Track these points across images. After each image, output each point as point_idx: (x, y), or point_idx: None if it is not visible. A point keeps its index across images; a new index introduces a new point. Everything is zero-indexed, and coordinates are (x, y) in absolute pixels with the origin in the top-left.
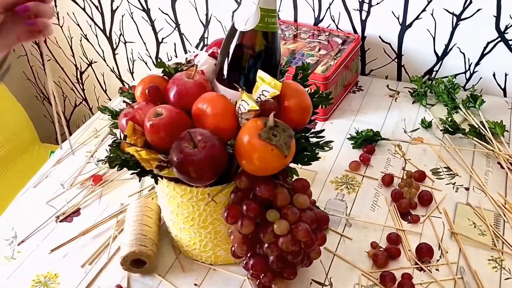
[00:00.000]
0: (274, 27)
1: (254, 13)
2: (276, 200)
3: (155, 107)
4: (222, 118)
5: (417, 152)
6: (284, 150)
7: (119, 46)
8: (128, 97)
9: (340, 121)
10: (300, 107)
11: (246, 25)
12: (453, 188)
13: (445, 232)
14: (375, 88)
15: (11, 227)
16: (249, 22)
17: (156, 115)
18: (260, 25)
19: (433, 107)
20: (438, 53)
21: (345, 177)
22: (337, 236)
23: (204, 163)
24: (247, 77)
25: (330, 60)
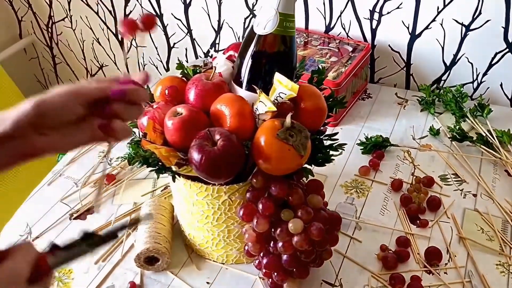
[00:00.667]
0: (292, 31)
1: (273, 17)
2: (290, 199)
3: (174, 106)
4: (240, 118)
5: (426, 158)
6: (300, 150)
7: (131, 50)
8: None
9: (350, 127)
10: (316, 109)
11: (265, 29)
12: (461, 194)
13: (453, 237)
14: (384, 96)
15: (26, 223)
16: (268, 26)
17: (176, 114)
18: (279, 29)
19: (441, 115)
20: (446, 62)
21: (354, 181)
22: (347, 238)
23: (222, 161)
24: (264, 79)
25: (341, 67)
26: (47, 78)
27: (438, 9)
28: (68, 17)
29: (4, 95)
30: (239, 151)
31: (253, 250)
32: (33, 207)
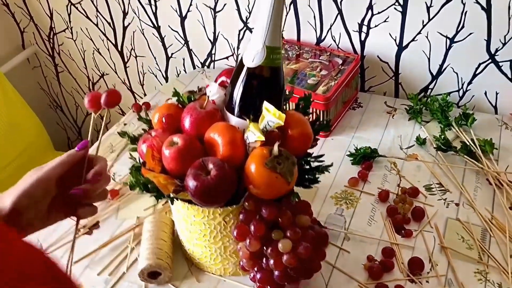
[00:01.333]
0: (278, 62)
1: (260, 50)
2: (280, 220)
3: (171, 135)
4: (231, 147)
5: (412, 168)
6: (287, 177)
7: (130, 60)
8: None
9: (341, 137)
10: (302, 136)
11: (253, 61)
12: (444, 203)
13: (436, 246)
14: (374, 105)
15: (37, 239)
16: (256, 59)
17: (172, 144)
18: (266, 61)
19: (428, 124)
20: (433, 72)
21: (344, 192)
22: (336, 249)
23: (216, 189)
24: (254, 107)
25: (331, 81)
26: (51, 85)
27: (423, 23)
28: (68, 29)
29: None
30: (231, 179)
31: (247, 266)
32: None
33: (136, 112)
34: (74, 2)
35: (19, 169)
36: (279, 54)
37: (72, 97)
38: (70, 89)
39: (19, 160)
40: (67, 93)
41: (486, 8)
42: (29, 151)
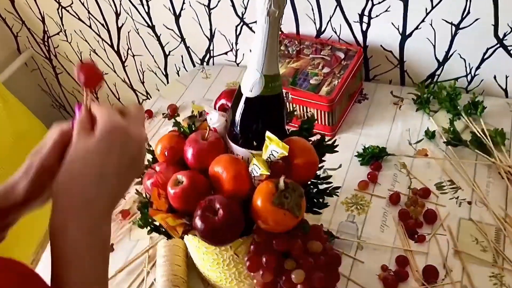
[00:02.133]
0: (278, 89)
1: (258, 80)
2: (291, 250)
3: (175, 173)
4: (236, 181)
5: (422, 165)
6: (295, 212)
7: (128, 59)
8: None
9: (347, 135)
10: (308, 164)
11: (252, 91)
12: (456, 202)
13: (450, 250)
14: (379, 96)
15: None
16: (254, 89)
17: (177, 183)
18: (265, 90)
19: (436, 114)
20: (439, 59)
21: (354, 197)
22: (350, 260)
23: (224, 230)
24: (257, 136)
25: (334, 79)
26: (51, 87)
27: (427, 11)
28: (62, 31)
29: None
30: (239, 218)
31: None
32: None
33: None
34: (64, 5)
35: None
36: (278, 81)
37: (74, 96)
38: (71, 89)
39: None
40: (69, 93)
41: None
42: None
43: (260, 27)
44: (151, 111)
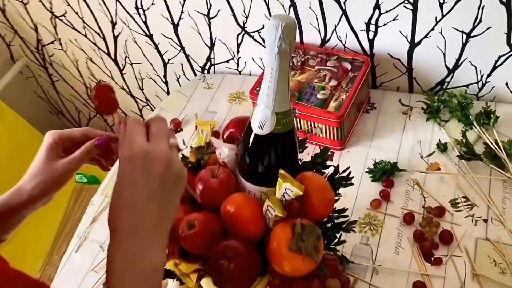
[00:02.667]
0: (290, 125)
1: (269, 118)
2: None
3: (187, 216)
4: (251, 224)
5: (435, 180)
6: (314, 256)
7: (126, 67)
8: None
9: (356, 148)
10: (324, 202)
11: (263, 129)
12: (472, 221)
13: (467, 274)
14: (387, 105)
15: None
16: (265, 127)
17: (189, 227)
18: (277, 127)
19: (447, 124)
20: (449, 66)
21: (367, 216)
22: (366, 285)
23: (239, 278)
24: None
25: (341, 94)
26: (48, 93)
27: (437, 19)
28: (57, 40)
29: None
30: (254, 264)
31: None
32: (66, 279)
33: None
34: (57, 15)
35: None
36: (290, 116)
37: (72, 103)
38: (69, 96)
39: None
40: (67, 100)
41: (505, 2)
42: None
43: (269, 64)
44: None
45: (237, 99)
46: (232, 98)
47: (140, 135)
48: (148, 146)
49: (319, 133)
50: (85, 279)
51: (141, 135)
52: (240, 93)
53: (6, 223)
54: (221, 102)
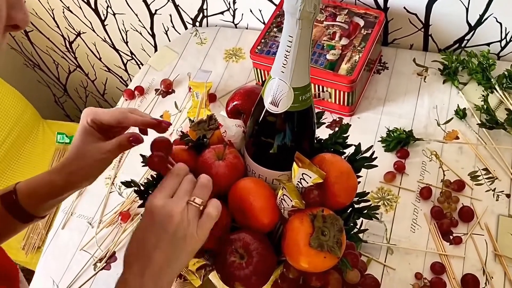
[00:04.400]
0: (309, 102)
1: (286, 94)
2: (328, 286)
3: None
4: (263, 213)
5: (453, 151)
6: (336, 251)
7: (108, 18)
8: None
9: (368, 114)
10: (347, 190)
11: (278, 107)
12: (493, 196)
13: (489, 254)
14: (401, 64)
15: (51, 279)
16: (281, 104)
17: None
18: (294, 105)
19: (466, 87)
20: (471, 22)
21: (380, 190)
22: (380, 266)
23: (252, 277)
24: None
25: (354, 54)
26: (22, 45)
27: None
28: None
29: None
30: (270, 262)
31: None
32: (53, 259)
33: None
34: None
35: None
36: (309, 91)
37: (49, 56)
38: (45, 48)
39: (9, 139)
40: (43, 53)
41: None
42: (18, 128)
43: (288, 30)
44: (141, 87)
45: (234, 57)
46: (228, 55)
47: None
48: (166, 203)
49: (327, 97)
50: (73, 259)
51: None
52: (237, 49)
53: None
54: (216, 60)
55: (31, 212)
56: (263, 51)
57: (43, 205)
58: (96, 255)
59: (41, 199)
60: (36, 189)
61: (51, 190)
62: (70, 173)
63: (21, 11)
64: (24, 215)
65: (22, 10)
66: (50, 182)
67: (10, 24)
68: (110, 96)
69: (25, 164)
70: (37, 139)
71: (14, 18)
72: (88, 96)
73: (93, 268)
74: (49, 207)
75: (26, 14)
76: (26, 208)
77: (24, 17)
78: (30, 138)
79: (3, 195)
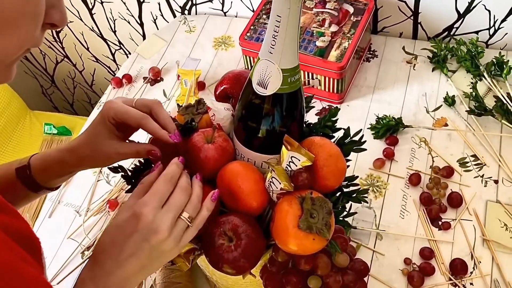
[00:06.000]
0: (298, 84)
1: (275, 76)
2: (317, 269)
3: None
4: (252, 196)
5: (442, 137)
6: (325, 233)
7: (96, 6)
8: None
9: (357, 102)
10: (336, 173)
11: (267, 88)
12: (481, 181)
13: (477, 239)
14: (390, 52)
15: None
16: (269, 86)
17: None
18: (283, 87)
19: (455, 75)
20: (460, 10)
21: (370, 177)
22: (369, 252)
23: (241, 261)
24: (272, 140)
25: (344, 41)
26: None
27: None
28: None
29: None
30: (259, 243)
31: None
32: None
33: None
34: None
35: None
36: (298, 73)
37: None
38: None
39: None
40: None
41: None
42: (3, 119)
43: (276, 9)
44: (129, 75)
45: (223, 45)
46: (218, 43)
47: (159, 198)
48: (156, 217)
49: (317, 85)
50: (61, 247)
51: (159, 200)
52: (226, 37)
53: (61, 178)
54: (205, 48)
55: (44, 185)
56: (252, 38)
57: (55, 180)
58: (83, 244)
59: (53, 174)
60: (49, 166)
61: (63, 168)
62: (81, 158)
63: (60, 11)
64: (37, 186)
65: (61, 10)
66: (62, 161)
67: (49, 22)
68: (98, 87)
69: (12, 155)
70: (24, 130)
71: (53, 17)
72: (76, 87)
73: (80, 256)
74: (60, 181)
75: (64, 14)
76: (39, 181)
77: (62, 17)
78: (17, 129)
79: (18, 169)
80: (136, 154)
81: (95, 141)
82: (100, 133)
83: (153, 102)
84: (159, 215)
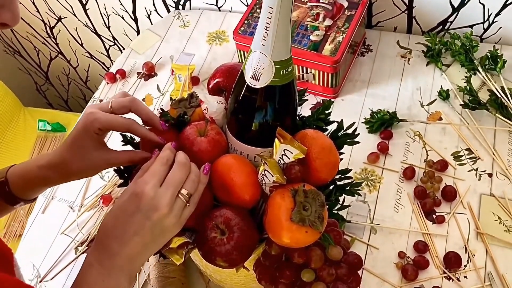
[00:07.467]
0: (291, 76)
1: (267, 68)
2: (310, 262)
3: None
4: (245, 189)
5: (436, 131)
6: (318, 226)
7: (89, 1)
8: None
9: (352, 97)
10: (329, 166)
11: (259, 81)
12: (476, 175)
13: (471, 232)
14: (384, 47)
15: (31, 264)
16: (262, 78)
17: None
18: (276, 79)
19: (449, 69)
20: (454, 4)
21: (364, 171)
22: (364, 246)
23: (234, 253)
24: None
25: (338, 35)
26: (1, 31)
27: None
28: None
29: None
30: (252, 236)
31: None
32: (33, 243)
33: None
34: None
35: None
36: (291, 65)
37: (29, 42)
38: (25, 34)
39: None
40: (23, 39)
41: None
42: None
43: (269, 2)
44: (123, 70)
45: (217, 40)
46: (212, 38)
47: (158, 177)
48: (156, 193)
49: (311, 79)
50: (54, 243)
51: (158, 178)
52: (220, 32)
53: (41, 191)
54: (200, 42)
55: (23, 197)
56: (246, 32)
57: (36, 193)
58: (77, 239)
59: (36, 190)
60: (31, 182)
61: (47, 184)
62: (68, 174)
63: (11, 10)
64: (15, 200)
65: (11, 9)
66: (45, 178)
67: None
68: (92, 84)
69: (6, 151)
70: (18, 127)
71: (2, 16)
72: (71, 84)
73: (74, 252)
74: (41, 193)
75: (15, 13)
76: (18, 195)
77: (12, 16)
78: (11, 126)
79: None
80: (129, 162)
81: (83, 155)
82: (86, 146)
83: (129, 100)
84: (159, 192)
